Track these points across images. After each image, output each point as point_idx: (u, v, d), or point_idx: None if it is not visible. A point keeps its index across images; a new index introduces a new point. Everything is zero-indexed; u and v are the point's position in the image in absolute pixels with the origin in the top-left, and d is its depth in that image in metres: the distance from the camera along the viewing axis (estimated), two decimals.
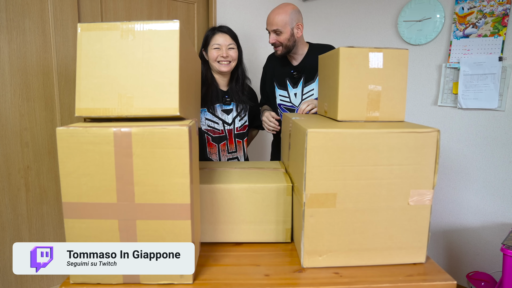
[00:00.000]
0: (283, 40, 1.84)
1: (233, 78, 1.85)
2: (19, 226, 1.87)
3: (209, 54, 1.76)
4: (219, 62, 1.75)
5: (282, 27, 1.81)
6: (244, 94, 1.87)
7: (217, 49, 1.74)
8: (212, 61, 1.76)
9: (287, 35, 1.83)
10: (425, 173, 1.05)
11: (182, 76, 0.99)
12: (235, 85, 1.85)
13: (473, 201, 2.31)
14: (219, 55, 1.74)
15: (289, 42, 1.85)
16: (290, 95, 1.96)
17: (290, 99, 1.96)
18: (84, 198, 0.92)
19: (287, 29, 1.82)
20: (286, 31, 1.82)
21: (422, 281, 1.02)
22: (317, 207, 1.04)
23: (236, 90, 1.85)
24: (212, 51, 1.74)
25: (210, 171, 1.33)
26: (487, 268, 2.25)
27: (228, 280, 1.01)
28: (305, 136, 1.00)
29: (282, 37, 1.83)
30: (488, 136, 2.21)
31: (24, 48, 1.79)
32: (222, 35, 1.76)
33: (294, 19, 1.82)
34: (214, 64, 1.76)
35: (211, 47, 1.75)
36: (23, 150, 1.85)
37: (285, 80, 1.97)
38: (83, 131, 0.89)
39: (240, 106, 1.85)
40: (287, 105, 1.98)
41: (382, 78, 1.16)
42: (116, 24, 0.96)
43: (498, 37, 2.10)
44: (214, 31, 1.77)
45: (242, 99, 1.85)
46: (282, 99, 1.99)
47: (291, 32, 1.83)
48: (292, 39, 1.84)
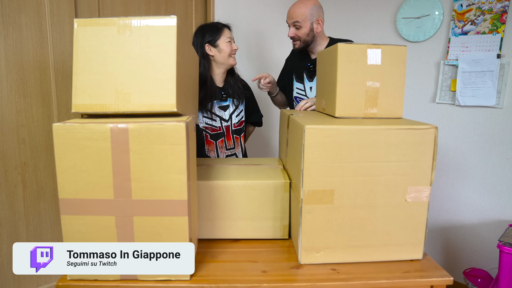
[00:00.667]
0: (302, 35, 1.82)
1: (228, 72, 1.86)
2: (16, 223, 1.87)
3: (222, 48, 1.74)
4: (231, 56, 1.76)
5: (302, 21, 1.79)
6: (239, 85, 1.88)
7: (229, 43, 1.75)
8: (226, 55, 1.75)
9: (307, 30, 1.81)
10: (422, 169, 1.05)
11: (180, 72, 0.99)
12: (231, 78, 1.86)
13: (470, 198, 2.32)
14: (232, 48, 1.75)
15: (308, 37, 1.83)
16: (306, 89, 1.95)
17: (305, 92, 1.95)
18: (81, 194, 0.92)
19: (306, 23, 1.79)
20: (305, 25, 1.80)
21: (419, 278, 1.02)
22: (315, 203, 1.04)
23: (232, 83, 1.85)
24: (226, 45, 1.74)
25: (208, 168, 1.33)
26: (484, 264, 2.26)
27: (226, 277, 1.01)
28: (303, 133, 1.00)
29: (301, 31, 1.81)
30: (486, 134, 2.21)
31: (21, 44, 1.78)
32: (226, 29, 1.77)
33: (314, 14, 1.80)
34: (228, 58, 1.75)
35: (223, 42, 1.74)
36: (20, 147, 1.84)
37: (303, 73, 1.95)
38: (80, 127, 0.89)
39: (236, 100, 1.85)
40: (302, 98, 1.97)
41: (380, 74, 1.16)
42: (113, 19, 0.96)
43: (496, 34, 2.10)
44: (220, 26, 1.76)
45: (239, 90, 1.86)
46: (298, 92, 1.98)
47: (310, 27, 1.80)
48: (311, 34, 1.82)
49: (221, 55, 1.75)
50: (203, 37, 1.75)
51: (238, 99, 1.86)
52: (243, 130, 1.92)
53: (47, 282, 2.01)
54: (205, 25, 1.79)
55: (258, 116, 2.04)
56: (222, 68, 1.80)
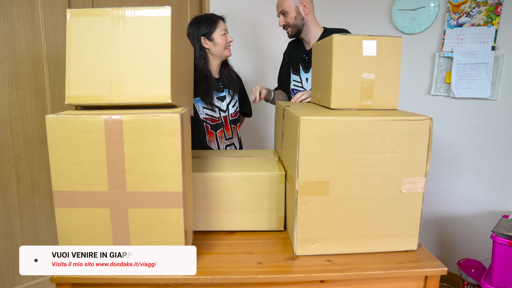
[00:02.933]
0: (290, 19, 1.84)
1: (222, 63, 1.87)
2: (10, 216, 1.86)
3: (217, 40, 1.75)
4: (226, 48, 1.78)
5: (287, 7, 1.82)
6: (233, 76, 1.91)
7: (224, 35, 1.76)
8: (221, 46, 1.76)
9: (293, 13, 1.83)
10: (417, 161, 1.05)
11: (174, 63, 0.98)
12: (225, 69, 1.88)
13: (464, 190, 2.33)
14: (227, 41, 1.77)
15: (296, 20, 1.84)
16: (302, 80, 1.96)
17: (302, 84, 1.96)
18: (75, 186, 0.91)
19: (291, 7, 1.82)
20: (291, 10, 1.82)
21: (414, 268, 1.03)
22: (310, 195, 1.04)
23: (227, 74, 1.87)
24: (221, 37, 1.75)
25: (203, 160, 1.33)
26: (478, 255, 2.29)
27: (221, 268, 1.01)
28: (298, 124, 1.00)
29: (288, 17, 1.84)
30: (480, 125, 2.22)
31: (13, 35, 1.76)
32: (221, 21, 1.78)
33: None
34: (223, 50, 1.77)
35: (218, 34, 1.75)
36: (13, 140, 1.83)
37: (299, 65, 1.97)
38: (73, 119, 0.88)
39: (231, 91, 1.87)
40: (299, 90, 1.97)
41: (375, 66, 1.16)
42: (107, 10, 0.94)
43: (491, 26, 2.10)
44: (214, 18, 1.77)
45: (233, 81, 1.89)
46: (295, 84, 1.99)
47: (296, 10, 1.82)
48: (299, 17, 1.84)
49: (216, 48, 1.75)
50: (199, 30, 1.75)
51: (233, 90, 1.88)
52: (238, 120, 1.95)
53: (42, 275, 2.00)
54: (199, 17, 1.78)
55: (248, 107, 2.08)
56: (218, 60, 1.81)
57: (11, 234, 1.86)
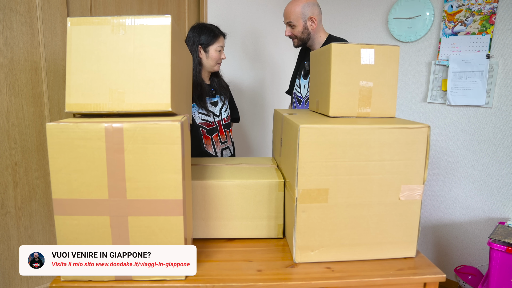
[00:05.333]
0: (297, 33, 1.86)
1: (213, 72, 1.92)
2: (7, 224, 1.85)
3: (211, 55, 1.80)
4: (217, 64, 1.84)
5: (294, 20, 1.83)
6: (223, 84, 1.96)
7: (220, 52, 1.82)
8: (213, 61, 1.81)
9: (300, 28, 1.84)
10: (415, 168, 1.06)
11: (174, 71, 0.99)
12: (216, 77, 1.93)
13: (461, 197, 2.35)
14: (220, 58, 1.83)
15: (303, 35, 1.86)
16: (301, 86, 1.99)
17: (300, 89, 1.99)
18: (75, 194, 0.91)
19: (299, 22, 1.83)
20: (299, 24, 1.83)
21: (413, 275, 1.04)
22: (309, 202, 1.04)
23: (217, 81, 1.93)
24: (216, 53, 1.81)
25: (202, 167, 1.33)
26: (475, 262, 2.29)
27: (221, 276, 1.01)
28: (297, 132, 1.00)
29: (295, 30, 1.86)
30: (476, 133, 2.24)
31: (11, 43, 1.76)
32: (222, 38, 1.84)
33: (307, 12, 1.82)
34: (214, 65, 1.83)
35: (214, 49, 1.80)
36: (11, 147, 1.82)
37: (301, 71, 2.01)
38: (74, 127, 0.88)
39: (223, 96, 1.93)
40: (297, 95, 2.02)
41: (373, 74, 1.17)
42: (107, 18, 0.95)
43: (485, 35, 2.13)
44: (218, 34, 1.82)
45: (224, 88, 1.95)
46: (296, 88, 2.04)
47: (304, 25, 1.84)
48: (305, 32, 1.85)
49: (208, 61, 1.82)
50: (199, 37, 1.79)
51: (224, 95, 1.95)
52: (230, 125, 2.01)
53: (38, 283, 1.99)
54: (204, 26, 1.83)
55: (236, 112, 2.13)
56: (205, 71, 1.87)
57: (7, 242, 1.85)
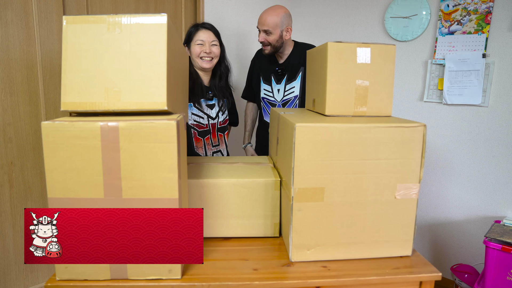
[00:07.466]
0: (272, 41, 1.91)
1: (215, 75, 1.88)
2: (3, 223, 1.84)
3: (192, 50, 1.78)
4: (202, 58, 1.78)
5: (272, 28, 1.88)
6: (227, 90, 1.94)
7: (200, 45, 1.76)
8: (195, 57, 1.78)
9: (276, 37, 1.90)
10: (411, 167, 1.06)
11: (170, 70, 0.99)
12: (219, 82, 1.88)
13: (457, 195, 2.36)
14: (202, 51, 1.76)
15: (277, 43, 1.92)
16: (273, 90, 2.03)
17: (273, 94, 2.04)
18: (70, 193, 0.91)
19: (276, 31, 1.88)
20: (275, 32, 1.88)
21: (409, 274, 1.04)
22: (305, 201, 1.05)
23: (220, 87, 1.88)
24: (195, 47, 1.76)
25: (198, 166, 1.33)
26: (471, 260, 2.30)
27: (217, 275, 1.01)
28: (293, 131, 1.00)
29: (271, 37, 1.90)
30: (472, 132, 2.25)
31: (7, 41, 1.75)
32: (205, 31, 1.78)
33: (284, 22, 1.89)
34: (196, 60, 1.78)
35: (194, 43, 1.77)
36: (7, 146, 1.81)
37: (270, 76, 2.04)
38: (69, 126, 0.88)
39: (221, 101, 1.89)
40: (270, 99, 2.06)
41: (369, 73, 1.17)
42: (103, 17, 0.95)
43: (481, 34, 2.14)
44: (198, 27, 1.79)
45: (225, 94, 1.91)
46: (266, 93, 2.07)
47: (280, 34, 1.90)
48: (280, 40, 1.92)
49: (192, 57, 1.80)
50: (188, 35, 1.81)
51: (223, 100, 1.91)
52: (227, 128, 1.98)
53: (34, 283, 1.98)
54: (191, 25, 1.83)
55: (236, 117, 2.13)
56: (202, 71, 1.84)
57: (3, 241, 1.84)
